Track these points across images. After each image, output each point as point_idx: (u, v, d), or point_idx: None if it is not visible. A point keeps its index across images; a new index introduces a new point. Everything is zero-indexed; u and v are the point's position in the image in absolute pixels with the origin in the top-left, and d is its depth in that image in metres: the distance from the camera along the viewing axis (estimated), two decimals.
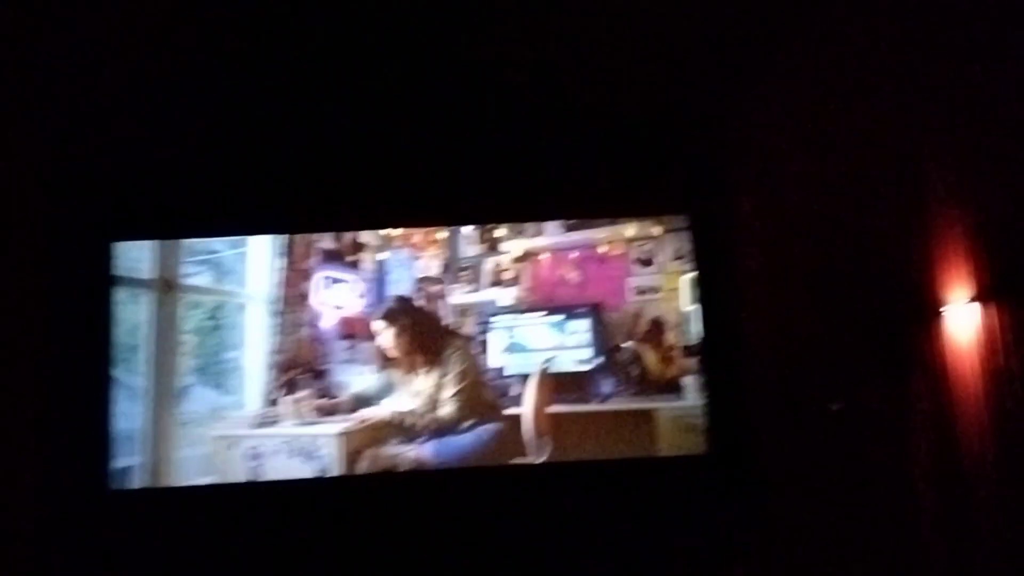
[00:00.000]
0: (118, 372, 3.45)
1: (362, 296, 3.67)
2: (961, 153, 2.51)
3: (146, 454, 3.34)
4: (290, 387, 3.46)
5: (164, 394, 3.36)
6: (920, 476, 2.73)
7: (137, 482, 3.32)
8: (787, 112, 3.49)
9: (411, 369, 3.52)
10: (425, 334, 3.57)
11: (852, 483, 3.15)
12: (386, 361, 3.55)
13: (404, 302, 3.62)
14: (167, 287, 3.43)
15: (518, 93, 3.68)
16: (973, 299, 2.40)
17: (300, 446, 3.40)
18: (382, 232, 3.75)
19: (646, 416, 3.59)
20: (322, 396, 3.48)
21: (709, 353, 3.73)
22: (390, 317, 3.57)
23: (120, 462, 3.30)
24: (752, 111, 3.70)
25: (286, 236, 3.63)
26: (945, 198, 2.58)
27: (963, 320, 2.44)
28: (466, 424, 3.52)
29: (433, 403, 3.52)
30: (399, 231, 3.75)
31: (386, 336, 3.54)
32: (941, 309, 2.55)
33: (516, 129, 3.78)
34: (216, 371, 3.60)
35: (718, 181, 3.90)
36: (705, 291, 3.80)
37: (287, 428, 3.41)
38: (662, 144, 3.91)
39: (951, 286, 2.55)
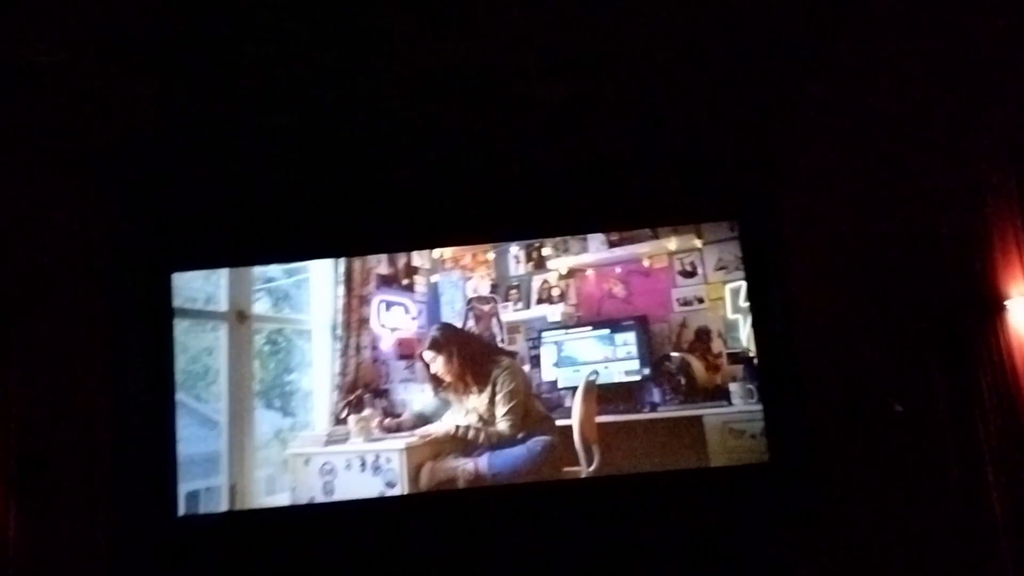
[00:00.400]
0: (190, 399, 3.79)
1: (416, 318, 3.92)
2: (1018, 144, 2.49)
3: (227, 476, 3.66)
4: (356, 406, 3.74)
5: (240, 418, 3.67)
6: (989, 475, 2.69)
7: (220, 503, 3.64)
8: (839, 108, 3.48)
9: (465, 389, 3.74)
10: (474, 356, 3.79)
11: (917, 486, 3.12)
12: (439, 383, 3.78)
13: (448, 329, 3.85)
14: (241, 318, 3.75)
15: (567, 107, 3.73)
16: None
17: (368, 461, 3.67)
18: (434, 255, 3.99)
19: (695, 422, 3.71)
20: (386, 414, 3.74)
21: (763, 360, 3.79)
22: (436, 347, 3.80)
23: (202, 484, 3.63)
24: (803, 110, 3.71)
25: (344, 265, 3.90)
26: (1003, 190, 2.56)
27: None
28: (519, 436, 3.72)
29: (487, 419, 3.73)
30: (449, 254, 3.98)
31: (437, 364, 3.78)
32: (1004, 303, 2.52)
33: (567, 143, 3.87)
34: (277, 394, 3.89)
35: (768, 183, 3.93)
36: (756, 297, 3.85)
37: (356, 445, 3.68)
38: (712, 151, 3.97)
39: (1013, 279, 2.52)
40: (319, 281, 3.89)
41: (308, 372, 3.86)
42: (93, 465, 3.59)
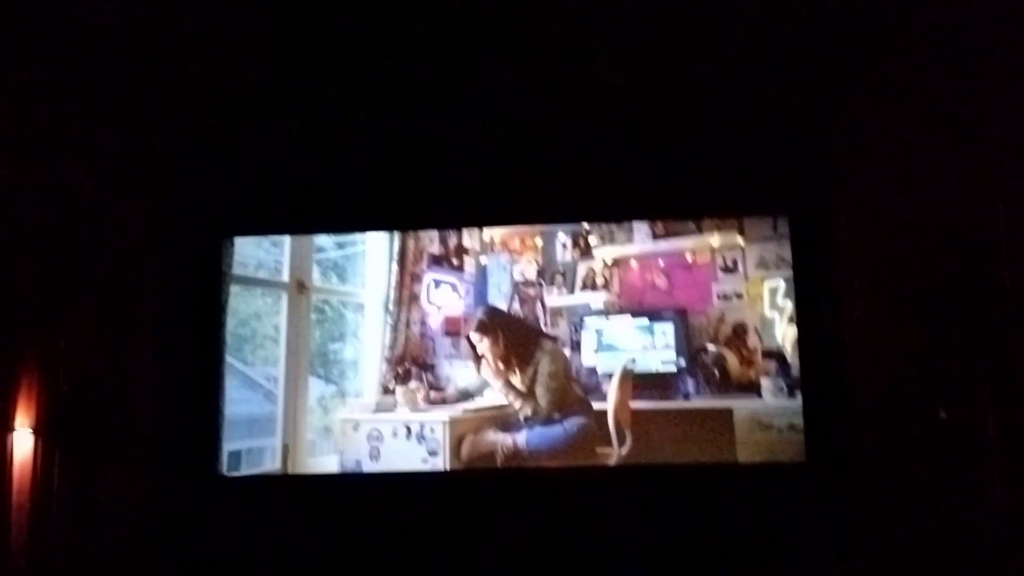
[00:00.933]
0: (236, 361, 4.04)
1: (463, 297, 4.12)
2: None
3: (280, 437, 3.94)
4: (403, 378, 3.97)
5: (295, 383, 3.92)
6: None
7: (263, 463, 3.92)
8: (894, 114, 3.50)
9: (508, 369, 3.95)
10: (518, 339, 3.99)
11: (957, 499, 3.09)
12: (484, 362, 4.00)
13: (493, 312, 4.06)
14: (301, 287, 3.98)
15: (622, 94, 3.86)
16: None
17: (414, 430, 3.91)
18: (484, 238, 4.17)
19: (725, 414, 3.89)
20: (431, 387, 3.97)
21: (805, 358, 3.88)
22: (483, 329, 4.02)
23: (244, 444, 3.92)
24: (858, 114, 3.76)
25: (399, 242, 4.11)
26: None
27: None
28: (556, 416, 3.93)
29: (527, 398, 3.94)
30: (499, 237, 4.16)
31: (483, 345, 4.00)
32: None
33: (620, 131, 4.04)
34: (322, 362, 4.13)
35: (820, 183, 3.99)
36: (803, 295, 3.95)
37: (402, 414, 3.92)
38: (764, 147, 4.07)
39: None
40: (374, 256, 4.11)
41: (354, 342, 4.11)
42: (138, 420, 3.77)
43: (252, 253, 4.10)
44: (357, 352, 4.07)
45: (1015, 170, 2.77)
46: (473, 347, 4.01)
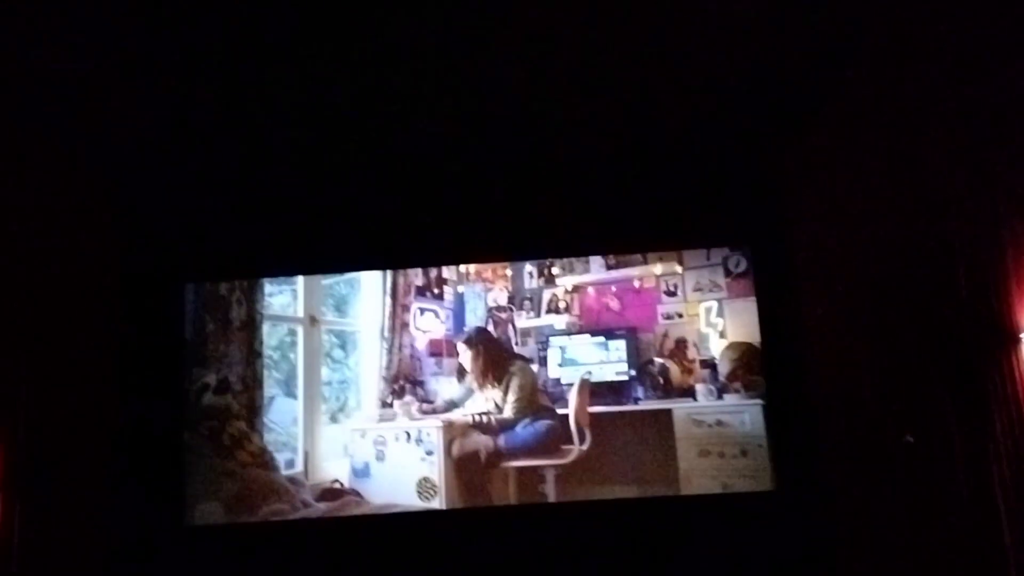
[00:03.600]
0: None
1: (444, 322, 5.06)
2: None
3: (301, 445, 4.92)
4: (399, 394, 4.94)
5: (312, 403, 4.90)
6: (1001, 512, 2.70)
7: (298, 467, 4.91)
8: (853, 135, 3.73)
9: (485, 382, 4.93)
10: (495, 356, 4.97)
11: (926, 520, 3.16)
12: (464, 374, 4.97)
13: (481, 331, 5.04)
14: (313, 321, 4.93)
15: (583, 136, 4.50)
16: None
17: (413, 435, 4.90)
18: (461, 269, 5.08)
19: (666, 414, 4.88)
20: (421, 400, 4.95)
21: (772, 386, 4.62)
22: (468, 343, 5.02)
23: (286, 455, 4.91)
24: (816, 138, 4.10)
25: (391, 278, 5.02)
26: (1021, 220, 2.61)
27: None
28: (527, 420, 4.91)
29: (500, 407, 4.92)
30: (474, 268, 5.07)
31: (466, 357, 4.98)
32: (1021, 335, 2.55)
33: (583, 173, 4.80)
34: (296, 383, 4.90)
35: (779, 211, 4.59)
36: (766, 323, 4.66)
37: (402, 422, 4.92)
38: (722, 178, 4.76)
39: None
40: (369, 292, 5.05)
41: (356, 367, 5.07)
42: (98, 470, 4.09)
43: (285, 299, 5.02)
44: (359, 372, 5.03)
45: (970, 194, 2.87)
46: (455, 355, 5.00)
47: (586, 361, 5.00)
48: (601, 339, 5.03)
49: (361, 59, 3.69)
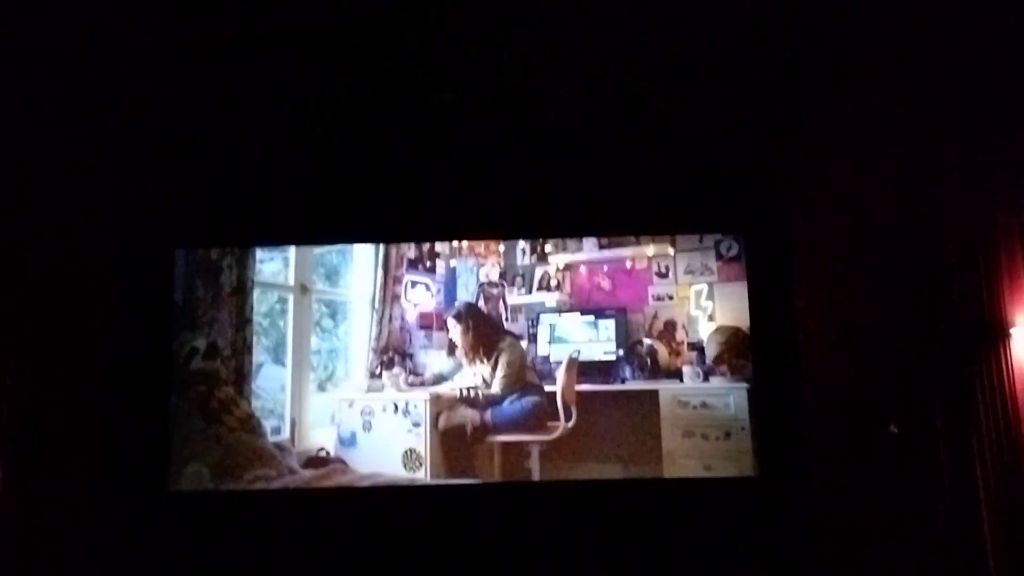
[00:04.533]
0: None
1: (435, 296, 5.07)
2: None
3: (289, 412, 4.96)
4: (388, 365, 4.97)
5: (300, 371, 4.92)
6: (981, 502, 2.77)
7: (284, 434, 4.94)
8: (848, 132, 3.79)
9: (474, 356, 4.98)
10: (485, 331, 5.03)
11: (908, 511, 3.20)
12: (455, 348, 5.01)
13: (470, 306, 5.10)
14: (303, 290, 4.94)
15: (580, 122, 4.53)
16: None
17: (400, 406, 4.95)
18: (453, 243, 5.07)
19: (652, 394, 4.96)
20: (411, 373, 4.99)
21: (759, 372, 4.67)
22: (458, 318, 5.08)
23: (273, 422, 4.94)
24: (813, 128, 4.14)
25: (383, 251, 5.01)
26: (1013, 216, 2.67)
27: None
28: (514, 396, 4.97)
29: (489, 382, 4.97)
30: (467, 243, 5.08)
31: (455, 332, 5.04)
32: (1010, 331, 2.61)
33: (579, 154, 4.81)
34: (285, 351, 4.95)
35: (771, 199, 4.65)
36: (756, 308, 4.72)
37: (390, 393, 4.97)
38: (718, 164, 4.80)
39: (1020, 308, 2.60)
40: (361, 262, 5.07)
41: (345, 337, 5.11)
42: (84, 433, 4.13)
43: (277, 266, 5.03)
44: (349, 343, 5.05)
45: (963, 190, 2.92)
46: (445, 329, 5.04)
47: (575, 339, 5.07)
48: (591, 318, 5.08)
49: (358, 31, 3.73)
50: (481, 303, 5.11)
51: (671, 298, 5.06)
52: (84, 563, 4.17)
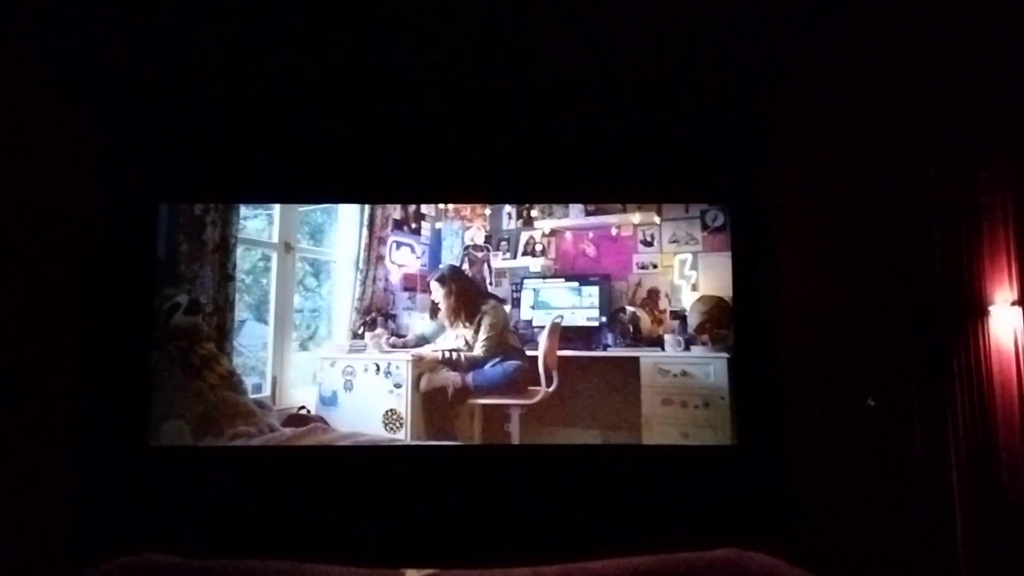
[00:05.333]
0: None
1: (420, 258, 5.05)
2: (1010, 150, 2.65)
3: (270, 370, 4.97)
4: (371, 326, 4.97)
5: (283, 329, 4.90)
6: (956, 476, 2.82)
7: (265, 391, 4.95)
8: (833, 106, 3.82)
9: (456, 319, 5.00)
10: (468, 295, 5.06)
11: (882, 483, 3.24)
12: (437, 311, 5.03)
13: (454, 269, 5.12)
14: (287, 248, 4.91)
15: (569, 88, 4.52)
16: (1015, 303, 2.54)
17: (382, 367, 4.97)
18: (439, 205, 5.03)
19: (633, 361, 5.01)
20: (392, 334, 4.99)
21: (740, 342, 4.68)
22: (441, 281, 5.10)
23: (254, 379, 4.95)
24: (796, 103, 4.17)
25: (368, 210, 4.97)
26: (995, 196, 2.70)
27: (1008, 321, 2.55)
28: (496, 359, 5.00)
29: (471, 345, 5.00)
30: (453, 205, 5.04)
31: (438, 294, 5.06)
32: (988, 308, 2.67)
33: (567, 120, 4.77)
34: (267, 308, 4.96)
35: (759, 171, 4.63)
36: (739, 279, 4.71)
37: (372, 354, 4.98)
38: (706, 134, 4.74)
39: (999, 286, 2.66)
40: (346, 222, 5.03)
41: (329, 296, 5.11)
42: (64, 387, 4.11)
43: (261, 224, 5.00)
44: (332, 302, 5.04)
45: (949, 163, 2.94)
46: (429, 292, 5.04)
47: (558, 305, 5.10)
48: (575, 284, 5.11)
49: None
50: (466, 266, 5.13)
51: (655, 267, 5.10)
52: (63, 519, 4.18)
